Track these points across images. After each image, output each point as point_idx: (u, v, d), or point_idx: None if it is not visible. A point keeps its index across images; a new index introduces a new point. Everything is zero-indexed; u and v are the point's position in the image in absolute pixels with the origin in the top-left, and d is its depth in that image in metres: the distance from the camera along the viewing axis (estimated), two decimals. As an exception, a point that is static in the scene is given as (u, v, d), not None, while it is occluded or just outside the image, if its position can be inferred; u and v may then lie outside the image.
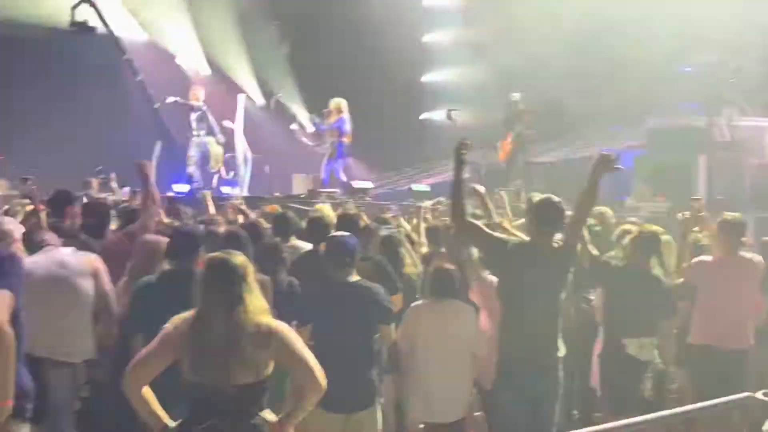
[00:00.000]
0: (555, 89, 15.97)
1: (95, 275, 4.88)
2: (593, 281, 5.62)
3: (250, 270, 3.52)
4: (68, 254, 4.91)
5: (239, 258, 3.54)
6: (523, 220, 6.14)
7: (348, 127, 12.84)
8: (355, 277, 4.71)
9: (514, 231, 5.69)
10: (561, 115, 16.34)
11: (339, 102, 12.85)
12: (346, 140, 12.91)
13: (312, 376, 3.50)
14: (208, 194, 8.69)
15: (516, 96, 13.91)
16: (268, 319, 3.49)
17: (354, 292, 4.65)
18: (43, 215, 5.97)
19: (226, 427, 3.38)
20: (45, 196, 6.58)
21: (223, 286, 3.43)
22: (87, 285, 4.84)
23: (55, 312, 4.69)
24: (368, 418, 4.64)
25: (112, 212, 6.57)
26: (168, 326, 3.46)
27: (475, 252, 5.35)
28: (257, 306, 3.47)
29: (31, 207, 6.49)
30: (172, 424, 3.45)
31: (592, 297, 5.81)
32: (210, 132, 13.33)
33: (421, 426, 5.16)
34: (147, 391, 3.42)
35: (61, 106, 15.69)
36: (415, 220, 7.58)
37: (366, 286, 4.70)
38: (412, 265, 6.02)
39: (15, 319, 3.76)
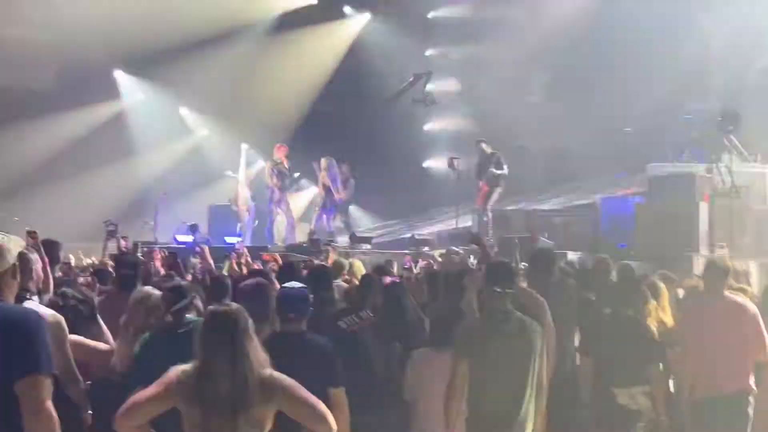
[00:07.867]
0: (558, 137, 16.08)
1: None
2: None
3: (250, 322, 3.44)
4: None
5: (238, 309, 3.45)
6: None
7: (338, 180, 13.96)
8: None
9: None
10: (564, 162, 16.36)
11: (326, 160, 14.03)
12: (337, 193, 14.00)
13: (323, 419, 3.41)
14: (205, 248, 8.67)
15: (483, 144, 13.68)
16: (270, 371, 3.39)
17: None
18: None
19: None
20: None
21: (225, 338, 3.34)
22: None
23: None
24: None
25: None
26: (170, 374, 3.37)
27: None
28: (260, 358, 3.39)
29: None
30: None
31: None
32: None
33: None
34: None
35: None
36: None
37: None
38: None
39: None
